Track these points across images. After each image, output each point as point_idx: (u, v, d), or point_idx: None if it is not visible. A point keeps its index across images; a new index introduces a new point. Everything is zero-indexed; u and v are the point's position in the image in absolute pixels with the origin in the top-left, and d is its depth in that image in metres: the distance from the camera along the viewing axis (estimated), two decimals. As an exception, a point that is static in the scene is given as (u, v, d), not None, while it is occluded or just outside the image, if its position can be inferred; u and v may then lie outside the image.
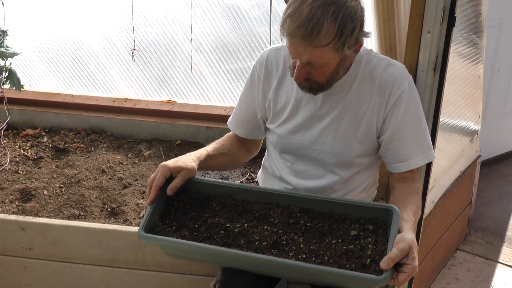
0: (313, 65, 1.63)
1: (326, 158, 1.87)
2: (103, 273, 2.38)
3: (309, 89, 1.74)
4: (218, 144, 2.02)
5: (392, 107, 1.79)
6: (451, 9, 1.97)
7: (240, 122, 2.05)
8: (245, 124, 2.05)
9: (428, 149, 1.85)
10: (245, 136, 2.07)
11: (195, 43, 3.36)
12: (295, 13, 1.56)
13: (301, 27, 1.55)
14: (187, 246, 1.58)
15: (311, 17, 1.53)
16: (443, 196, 2.73)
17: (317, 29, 1.54)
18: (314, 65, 1.64)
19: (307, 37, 1.55)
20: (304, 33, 1.55)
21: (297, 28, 1.55)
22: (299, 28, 1.55)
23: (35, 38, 3.55)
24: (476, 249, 3.22)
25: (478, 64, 2.80)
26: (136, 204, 2.66)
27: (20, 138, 3.35)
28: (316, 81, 1.69)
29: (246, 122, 2.04)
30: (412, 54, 2.07)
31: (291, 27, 1.57)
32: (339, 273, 1.45)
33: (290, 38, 1.60)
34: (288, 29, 1.58)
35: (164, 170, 1.74)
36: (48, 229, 2.34)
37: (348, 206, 1.68)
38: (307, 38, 1.55)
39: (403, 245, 1.45)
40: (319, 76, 1.68)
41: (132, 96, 3.63)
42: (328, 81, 1.71)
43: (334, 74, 1.70)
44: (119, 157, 3.13)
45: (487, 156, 4.12)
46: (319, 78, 1.69)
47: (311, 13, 1.54)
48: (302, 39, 1.56)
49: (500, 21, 3.66)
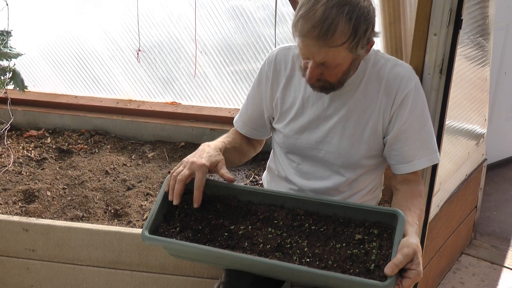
0: (327, 65, 1.62)
1: (332, 158, 1.86)
2: (107, 275, 2.38)
3: (321, 89, 1.73)
4: (230, 137, 1.99)
5: (398, 107, 1.78)
6: (458, 11, 1.96)
7: (247, 121, 2.04)
8: (251, 123, 2.03)
9: (433, 151, 1.84)
10: (251, 135, 2.06)
11: (200, 45, 3.35)
12: (309, 14, 1.54)
13: (315, 28, 1.53)
14: (191, 248, 1.57)
15: (325, 17, 1.52)
16: (449, 200, 2.72)
17: (332, 29, 1.53)
18: (327, 66, 1.63)
19: (321, 38, 1.54)
20: (319, 34, 1.53)
21: (312, 29, 1.54)
22: (313, 29, 1.54)
23: (39, 39, 3.56)
24: (482, 253, 3.20)
25: (485, 66, 2.78)
26: (139, 205, 2.65)
27: (24, 139, 3.34)
28: (328, 81, 1.69)
29: (252, 121, 2.03)
30: (418, 57, 2.06)
31: (304, 27, 1.55)
32: (343, 278, 1.44)
33: (303, 38, 1.58)
34: (301, 30, 1.57)
35: (203, 169, 1.69)
36: (51, 230, 2.34)
37: (353, 210, 1.67)
38: (321, 39, 1.54)
39: (408, 251, 1.43)
40: (332, 76, 1.67)
41: (136, 98, 3.63)
42: (339, 81, 1.70)
43: (346, 74, 1.70)
44: (122, 159, 3.12)
45: (493, 160, 4.10)
46: (331, 78, 1.68)
47: (326, 13, 1.52)
48: (317, 40, 1.55)
49: (508, 24, 3.64)
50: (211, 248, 1.56)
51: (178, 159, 3.13)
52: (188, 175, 1.68)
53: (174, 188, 1.68)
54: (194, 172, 1.68)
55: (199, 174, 1.68)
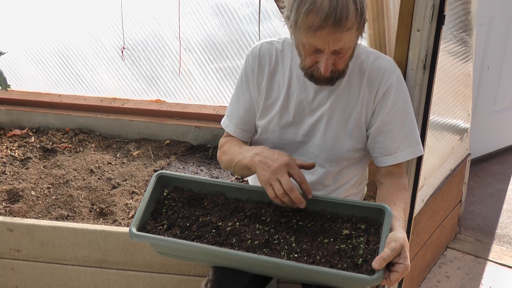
0: (340, 51, 1.63)
1: (317, 151, 1.86)
2: (92, 274, 2.36)
3: (328, 81, 1.73)
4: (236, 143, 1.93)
5: (381, 99, 1.79)
6: (441, 7, 1.97)
7: (240, 123, 1.97)
8: (244, 125, 1.97)
9: (416, 143, 1.85)
10: (244, 138, 1.99)
11: (184, 42, 3.34)
12: (315, 7, 1.54)
13: (329, 17, 1.53)
14: (179, 244, 1.57)
15: (335, 4, 1.53)
16: (433, 195, 2.74)
17: (345, 13, 1.54)
18: (340, 52, 1.63)
19: (338, 24, 1.54)
20: (334, 21, 1.54)
21: (325, 19, 1.54)
22: (327, 19, 1.53)
23: (21, 38, 3.52)
24: (466, 247, 3.22)
25: (468, 62, 2.80)
26: (125, 204, 2.63)
27: (7, 138, 3.31)
28: (338, 69, 1.70)
29: (245, 122, 1.97)
30: (401, 52, 2.07)
31: (317, 20, 1.55)
32: (331, 273, 1.44)
33: (318, 31, 1.56)
34: (313, 24, 1.56)
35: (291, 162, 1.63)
36: (36, 230, 2.32)
37: (340, 205, 1.67)
38: (338, 25, 1.54)
39: (395, 245, 1.44)
40: (341, 64, 1.68)
41: (121, 96, 3.61)
42: (346, 65, 1.72)
43: (350, 58, 1.72)
44: (107, 157, 3.10)
45: (477, 154, 4.14)
46: (341, 66, 1.69)
47: (333, 1, 1.53)
48: (334, 27, 1.55)
49: (490, 19, 3.68)
50: (199, 244, 1.56)
51: (163, 157, 3.12)
52: (288, 179, 1.60)
53: (294, 199, 1.60)
54: (288, 171, 1.62)
55: (294, 170, 1.63)
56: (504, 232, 3.39)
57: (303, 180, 1.64)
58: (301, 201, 1.60)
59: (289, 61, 1.85)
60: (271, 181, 1.61)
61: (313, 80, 1.74)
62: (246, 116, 1.95)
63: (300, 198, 1.60)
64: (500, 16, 3.73)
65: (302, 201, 1.60)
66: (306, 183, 1.64)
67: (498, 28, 3.76)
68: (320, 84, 1.75)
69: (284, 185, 1.59)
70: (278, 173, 1.60)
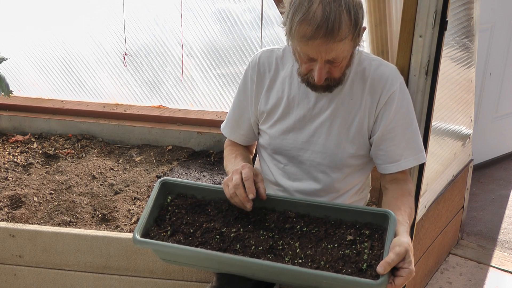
0: (334, 61, 1.63)
1: (318, 158, 1.87)
2: (95, 280, 2.36)
3: (325, 88, 1.73)
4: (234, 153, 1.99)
5: (383, 107, 1.79)
6: (443, 13, 1.97)
7: (236, 127, 2.03)
8: (239, 128, 2.02)
9: (419, 150, 1.85)
10: (241, 142, 2.05)
11: (186, 48, 3.35)
12: (308, 16, 1.54)
13: (321, 28, 1.54)
14: (182, 251, 1.56)
15: (328, 14, 1.53)
16: (436, 201, 2.73)
17: (337, 24, 1.54)
18: (334, 61, 1.63)
19: (329, 35, 1.54)
20: (326, 32, 1.54)
21: (317, 30, 1.54)
22: (319, 29, 1.54)
23: (24, 44, 3.53)
24: (469, 253, 3.22)
25: (470, 68, 2.81)
26: (127, 210, 2.63)
27: (10, 144, 3.32)
28: (333, 78, 1.70)
29: (241, 127, 2.02)
30: (404, 58, 2.07)
31: (309, 31, 1.55)
32: (336, 277, 1.44)
33: (310, 41, 1.57)
34: (305, 34, 1.56)
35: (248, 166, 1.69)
36: (38, 236, 2.32)
37: (344, 211, 1.67)
38: (329, 35, 1.55)
39: (400, 249, 1.44)
40: (337, 72, 1.68)
41: (123, 102, 3.61)
42: (343, 74, 1.72)
43: (347, 67, 1.72)
44: (110, 163, 3.10)
45: (480, 160, 4.14)
46: (337, 74, 1.69)
47: (326, 10, 1.53)
48: (325, 38, 1.55)
49: (492, 25, 3.68)
50: (203, 250, 1.55)
51: (165, 163, 3.12)
52: (238, 177, 1.65)
53: (240, 196, 1.64)
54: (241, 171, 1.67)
55: (245, 170, 1.66)
56: (507, 238, 3.39)
57: (245, 179, 1.65)
58: (247, 200, 1.63)
59: (290, 67, 1.86)
60: (228, 181, 1.68)
61: (309, 86, 1.75)
62: (241, 121, 2.00)
63: (245, 197, 1.63)
64: (502, 22, 3.74)
65: (247, 200, 1.63)
66: (250, 182, 1.65)
67: (500, 34, 3.77)
68: (317, 91, 1.76)
69: (233, 181, 1.65)
70: (234, 174, 1.67)
